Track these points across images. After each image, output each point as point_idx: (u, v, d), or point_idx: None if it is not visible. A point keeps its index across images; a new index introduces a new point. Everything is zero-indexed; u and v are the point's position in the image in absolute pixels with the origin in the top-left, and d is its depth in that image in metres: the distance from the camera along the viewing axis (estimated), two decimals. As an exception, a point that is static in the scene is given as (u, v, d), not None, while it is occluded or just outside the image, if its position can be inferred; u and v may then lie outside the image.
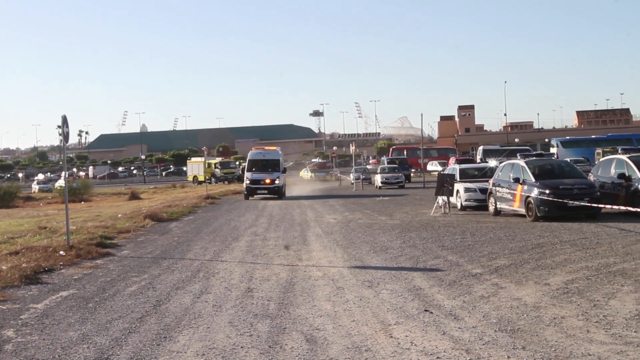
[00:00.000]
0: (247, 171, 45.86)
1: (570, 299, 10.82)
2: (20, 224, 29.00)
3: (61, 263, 16.10)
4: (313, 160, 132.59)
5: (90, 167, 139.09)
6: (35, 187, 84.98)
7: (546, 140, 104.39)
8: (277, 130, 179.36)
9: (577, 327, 9.10)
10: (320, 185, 69.84)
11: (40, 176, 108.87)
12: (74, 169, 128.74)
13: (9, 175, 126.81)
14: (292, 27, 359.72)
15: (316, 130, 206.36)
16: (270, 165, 45.66)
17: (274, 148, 49.56)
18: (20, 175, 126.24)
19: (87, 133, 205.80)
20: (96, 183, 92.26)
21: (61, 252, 17.23)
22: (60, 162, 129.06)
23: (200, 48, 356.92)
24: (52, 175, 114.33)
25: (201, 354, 8.37)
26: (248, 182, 44.90)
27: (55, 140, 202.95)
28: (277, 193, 44.78)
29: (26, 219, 33.63)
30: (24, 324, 10.33)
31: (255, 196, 45.21)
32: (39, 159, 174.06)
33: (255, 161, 46.19)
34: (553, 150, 70.55)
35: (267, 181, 44.65)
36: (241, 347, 8.62)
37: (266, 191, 44.87)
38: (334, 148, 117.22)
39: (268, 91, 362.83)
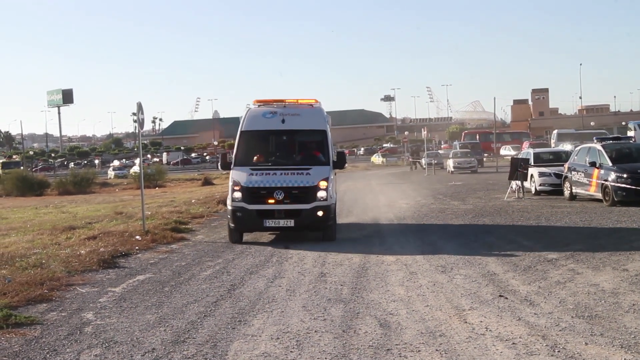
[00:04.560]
0: (237, 165, 18.03)
1: (650, 285, 10.61)
2: (97, 210, 29.63)
3: (137, 248, 16.39)
4: (384, 145, 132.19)
5: (164, 154, 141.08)
6: (111, 173, 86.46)
7: (623, 123, 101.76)
8: (347, 115, 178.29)
9: (658, 314, 8.90)
10: (392, 170, 69.56)
11: (116, 162, 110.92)
12: (148, 155, 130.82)
13: (86, 162, 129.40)
14: (361, 12, 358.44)
15: (387, 115, 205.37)
16: (299, 146, 19.44)
17: (310, 101, 19.60)
18: (96, 161, 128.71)
19: (161, 120, 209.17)
20: (170, 169, 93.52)
21: (137, 237, 17.55)
22: (135, 149, 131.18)
23: (271, 33, 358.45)
24: (127, 162, 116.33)
25: (275, 338, 8.43)
26: (238, 195, 17.18)
27: (130, 127, 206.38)
28: (320, 225, 17.37)
29: (103, 204, 34.30)
30: (102, 307, 10.55)
31: (255, 233, 18.48)
32: (114, 145, 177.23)
33: (258, 135, 18.88)
34: (630, 133, 68.80)
35: (294, 191, 17.17)
36: (315, 331, 8.65)
37: (291, 221, 17.03)
38: (406, 133, 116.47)
39: (338, 76, 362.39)
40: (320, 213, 16.96)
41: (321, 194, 17.07)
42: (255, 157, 18.28)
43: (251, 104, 19.36)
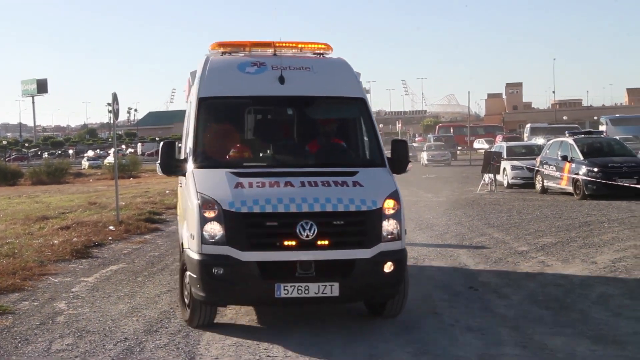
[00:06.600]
0: (201, 164, 8.49)
1: (618, 278, 10.77)
2: (71, 200, 29.42)
3: (111, 238, 16.35)
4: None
5: (139, 144, 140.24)
6: (85, 163, 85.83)
7: (595, 118, 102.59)
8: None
9: (625, 306, 9.07)
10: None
11: (90, 153, 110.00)
12: (123, 146, 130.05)
13: (59, 152, 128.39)
14: (336, 4, 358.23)
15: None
16: (314, 129, 9.59)
17: (319, 46, 9.99)
18: (70, 152, 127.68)
19: (135, 110, 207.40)
20: (144, 160, 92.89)
21: (111, 227, 17.50)
22: (110, 139, 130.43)
23: (249, 25, 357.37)
24: (101, 152, 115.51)
25: (249, 329, 8.48)
26: (217, 229, 7.70)
27: (105, 118, 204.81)
28: (386, 292, 8.34)
29: (76, 194, 34.06)
30: (75, 296, 10.54)
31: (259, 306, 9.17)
32: (88, 136, 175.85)
33: (233, 108, 9.63)
34: (602, 128, 69.35)
35: (338, 222, 7.90)
36: (293, 323, 8.71)
37: (333, 286, 7.73)
38: (380, 126, 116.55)
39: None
40: (388, 267, 8.12)
41: (389, 225, 8.18)
42: (232, 151, 9.15)
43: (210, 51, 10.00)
